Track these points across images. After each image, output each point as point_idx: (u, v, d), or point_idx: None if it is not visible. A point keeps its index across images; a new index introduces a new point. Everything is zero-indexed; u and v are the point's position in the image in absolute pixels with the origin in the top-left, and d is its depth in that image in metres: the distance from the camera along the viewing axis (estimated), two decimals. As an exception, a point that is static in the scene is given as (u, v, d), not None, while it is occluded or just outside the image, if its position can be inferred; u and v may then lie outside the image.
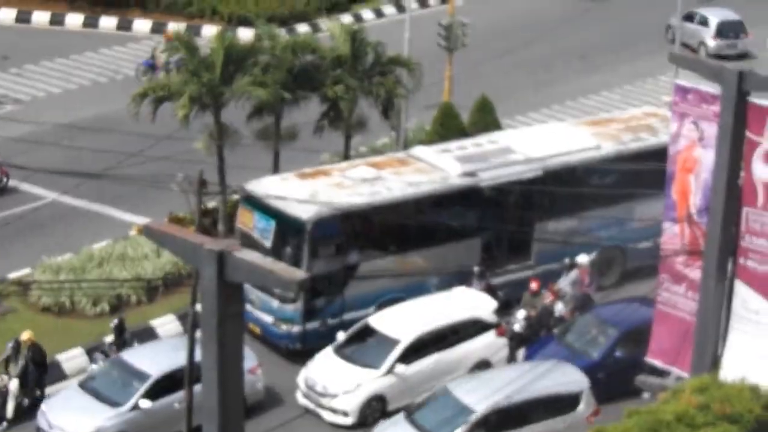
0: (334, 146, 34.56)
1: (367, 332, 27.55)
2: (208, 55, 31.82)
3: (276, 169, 32.65)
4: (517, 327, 28.35)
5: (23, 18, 49.97)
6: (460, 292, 28.84)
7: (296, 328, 28.23)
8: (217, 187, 30.04)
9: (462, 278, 29.35)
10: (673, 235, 25.86)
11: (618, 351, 27.75)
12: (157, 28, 48.54)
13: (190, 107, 31.25)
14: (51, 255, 31.15)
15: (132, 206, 32.40)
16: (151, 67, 42.98)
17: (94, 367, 26.93)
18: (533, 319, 28.64)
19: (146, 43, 47.69)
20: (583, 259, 29.81)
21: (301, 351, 28.16)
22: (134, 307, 30.19)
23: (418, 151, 31.58)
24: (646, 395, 26.65)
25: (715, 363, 24.73)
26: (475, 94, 38.13)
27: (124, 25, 49.78)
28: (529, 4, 54.88)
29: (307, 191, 28.44)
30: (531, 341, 28.40)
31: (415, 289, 29.00)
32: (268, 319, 28.49)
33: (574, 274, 29.79)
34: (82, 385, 26.13)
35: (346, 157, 33.79)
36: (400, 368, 26.58)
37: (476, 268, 29.30)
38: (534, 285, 29.10)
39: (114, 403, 25.41)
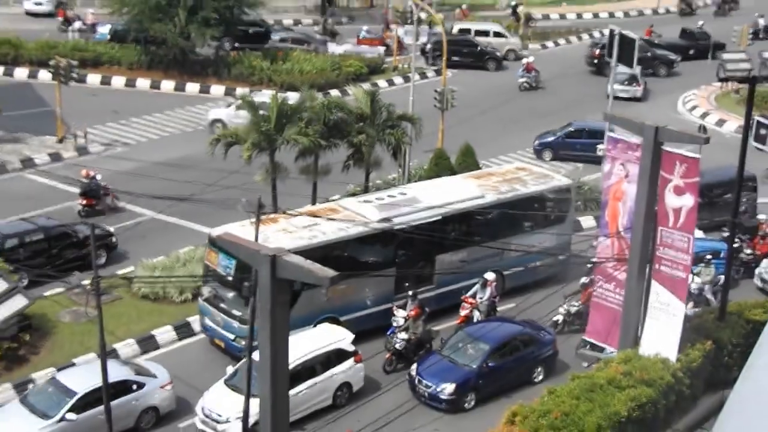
0: (357, 180, 34.59)
1: (255, 365, 24.81)
2: (266, 112, 31.90)
3: (314, 196, 32.68)
4: (398, 346, 26.50)
5: (130, 83, 50.24)
6: (324, 327, 26.37)
7: (254, 344, 26.36)
8: (271, 208, 30.04)
9: (382, 298, 28.00)
10: (606, 247, 25.89)
11: (490, 362, 25.62)
12: (229, 92, 48.73)
13: (253, 150, 31.36)
14: (149, 257, 31.19)
15: (209, 222, 32.38)
16: None
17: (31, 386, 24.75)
18: (414, 340, 26.67)
19: (219, 102, 47.89)
20: (490, 275, 28.44)
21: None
22: (209, 296, 30.10)
23: (345, 202, 29.70)
24: (584, 364, 26.54)
25: (636, 341, 24.70)
26: (460, 142, 38.16)
27: (204, 90, 49.93)
28: (502, 78, 55.01)
29: (260, 237, 26.14)
30: (410, 358, 26.43)
31: (345, 309, 27.38)
32: (230, 336, 26.52)
33: (488, 289, 28.16)
34: (22, 401, 23.63)
35: (366, 188, 33.78)
36: None
37: (410, 292, 27.44)
38: (413, 312, 26.93)
39: (44, 416, 22.96)
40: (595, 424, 21.51)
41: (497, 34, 59.25)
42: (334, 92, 47.63)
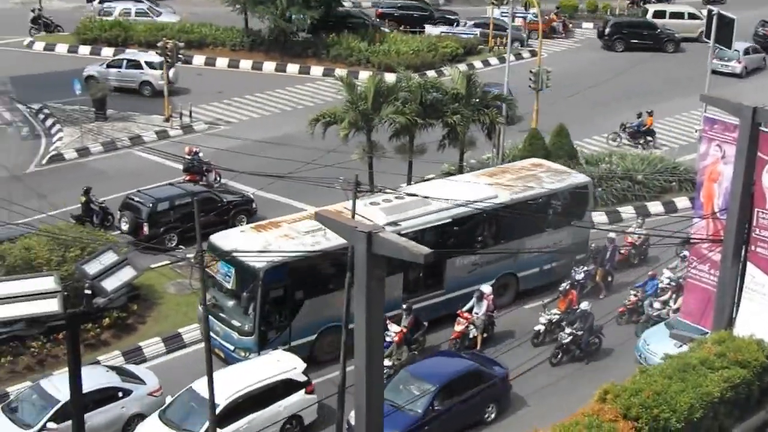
0: (452, 159, 34.41)
1: (191, 396, 22.19)
2: (363, 92, 31.93)
3: (410, 175, 32.62)
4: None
5: (233, 64, 50.85)
6: (276, 355, 23.79)
7: (252, 355, 24.40)
8: (368, 186, 30.12)
9: (389, 305, 25.54)
10: (700, 228, 25.30)
11: (437, 404, 22.52)
12: (328, 73, 48.90)
13: (350, 129, 31.44)
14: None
15: (307, 199, 32.66)
16: None
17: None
18: (397, 367, 24.33)
19: (319, 83, 48.12)
20: (487, 288, 26.68)
21: None
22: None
23: (350, 205, 27.57)
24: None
25: (730, 322, 24.14)
26: (554, 123, 37.66)
27: (304, 70, 50.26)
28: (595, 57, 54.12)
29: (262, 242, 24.86)
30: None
31: (351, 318, 25.36)
32: (230, 347, 24.87)
33: (484, 303, 26.28)
34: (3, 409, 22.03)
35: (461, 168, 33.58)
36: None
37: (404, 305, 25.50)
38: (397, 337, 24.80)
39: (25, 425, 21.24)
40: (687, 404, 21.07)
41: (692, 16, 58.72)
42: (431, 73, 47.43)
